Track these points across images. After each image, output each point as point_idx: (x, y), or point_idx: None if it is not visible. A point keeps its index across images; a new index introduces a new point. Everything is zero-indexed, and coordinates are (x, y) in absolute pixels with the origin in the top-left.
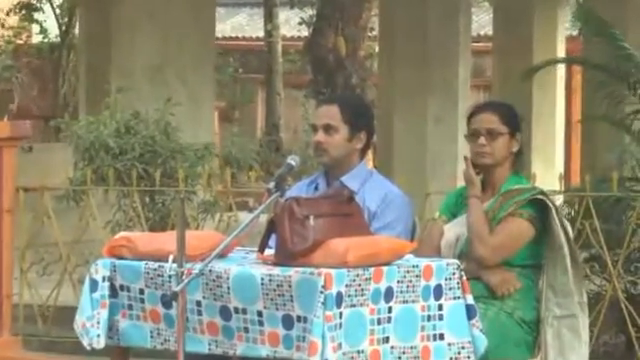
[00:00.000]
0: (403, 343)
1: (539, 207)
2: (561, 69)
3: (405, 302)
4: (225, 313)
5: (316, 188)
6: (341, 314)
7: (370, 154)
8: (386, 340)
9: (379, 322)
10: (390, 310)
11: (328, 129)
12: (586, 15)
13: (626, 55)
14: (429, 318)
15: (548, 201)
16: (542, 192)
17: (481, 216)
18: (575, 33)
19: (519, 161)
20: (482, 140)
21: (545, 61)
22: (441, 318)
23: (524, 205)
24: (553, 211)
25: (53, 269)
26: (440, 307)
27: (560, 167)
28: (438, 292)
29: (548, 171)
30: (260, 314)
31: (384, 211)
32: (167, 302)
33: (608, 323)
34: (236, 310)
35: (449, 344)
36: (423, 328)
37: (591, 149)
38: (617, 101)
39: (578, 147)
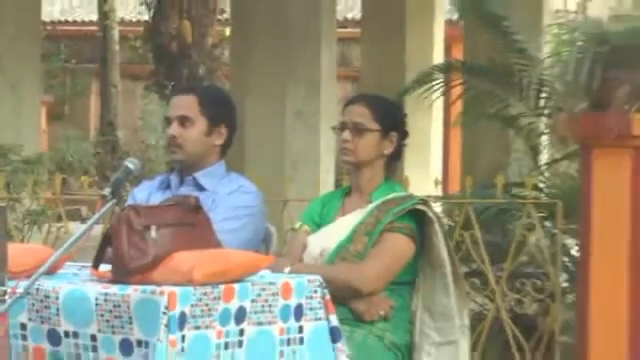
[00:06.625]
0: None
1: (419, 218)
2: (439, 56)
3: (260, 324)
4: (54, 338)
5: (168, 186)
6: (184, 337)
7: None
8: None
9: (227, 346)
10: (242, 333)
11: (184, 121)
12: (472, 7)
13: (517, 49)
14: (289, 342)
15: (431, 213)
16: (424, 201)
17: (331, 268)
18: (456, 17)
19: (394, 165)
20: (346, 135)
21: (421, 73)
22: (302, 342)
23: (402, 217)
24: (436, 224)
25: None
26: (301, 329)
27: (437, 170)
28: (299, 312)
29: (423, 174)
30: (94, 338)
31: (231, 201)
32: None
33: (491, 346)
34: (66, 334)
35: None
36: (282, 353)
37: (472, 150)
38: (504, 105)
39: (458, 147)
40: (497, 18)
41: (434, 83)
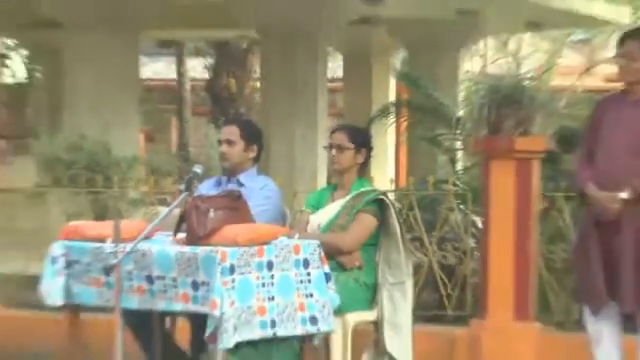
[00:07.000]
0: (285, 300)
1: (380, 204)
2: (392, 97)
3: (283, 270)
4: (149, 279)
5: (220, 184)
6: (234, 280)
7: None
8: (272, 299)
9: (263, 285)
10: (272, 277)
11: (230, 143)
12: (407, 77)
13: (434, 99)
14: (302, 282)
15: (388, 200)
16: (383, 193)
17: (324, 236)
18: None
19: (364, 169)
20: (333, 152)
21: (381, 106)
22: (310, 282)
23: (370, 203)
24: (392, 208)
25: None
26: (309, 274)
27: (391, 172)
28: (306, 264)
29: (382, 175)
30: (174, 280)
31: (261, 193)
32: (107, 272)
33: (426, 285)
34: (157, 277)
35: (316, 300)
36: (298, 289)
37: (414, 159)
38: (433, 130)
39: (405, 158)
40: (416, 79)
41: (389, 115)
